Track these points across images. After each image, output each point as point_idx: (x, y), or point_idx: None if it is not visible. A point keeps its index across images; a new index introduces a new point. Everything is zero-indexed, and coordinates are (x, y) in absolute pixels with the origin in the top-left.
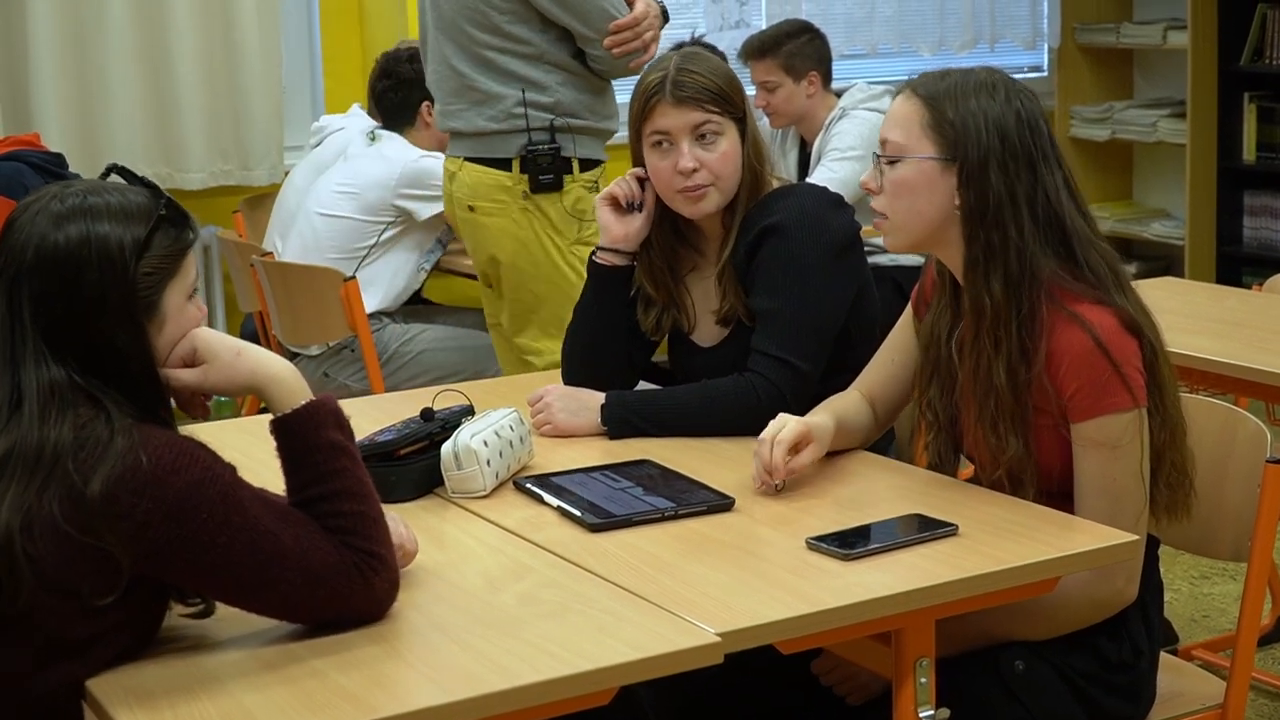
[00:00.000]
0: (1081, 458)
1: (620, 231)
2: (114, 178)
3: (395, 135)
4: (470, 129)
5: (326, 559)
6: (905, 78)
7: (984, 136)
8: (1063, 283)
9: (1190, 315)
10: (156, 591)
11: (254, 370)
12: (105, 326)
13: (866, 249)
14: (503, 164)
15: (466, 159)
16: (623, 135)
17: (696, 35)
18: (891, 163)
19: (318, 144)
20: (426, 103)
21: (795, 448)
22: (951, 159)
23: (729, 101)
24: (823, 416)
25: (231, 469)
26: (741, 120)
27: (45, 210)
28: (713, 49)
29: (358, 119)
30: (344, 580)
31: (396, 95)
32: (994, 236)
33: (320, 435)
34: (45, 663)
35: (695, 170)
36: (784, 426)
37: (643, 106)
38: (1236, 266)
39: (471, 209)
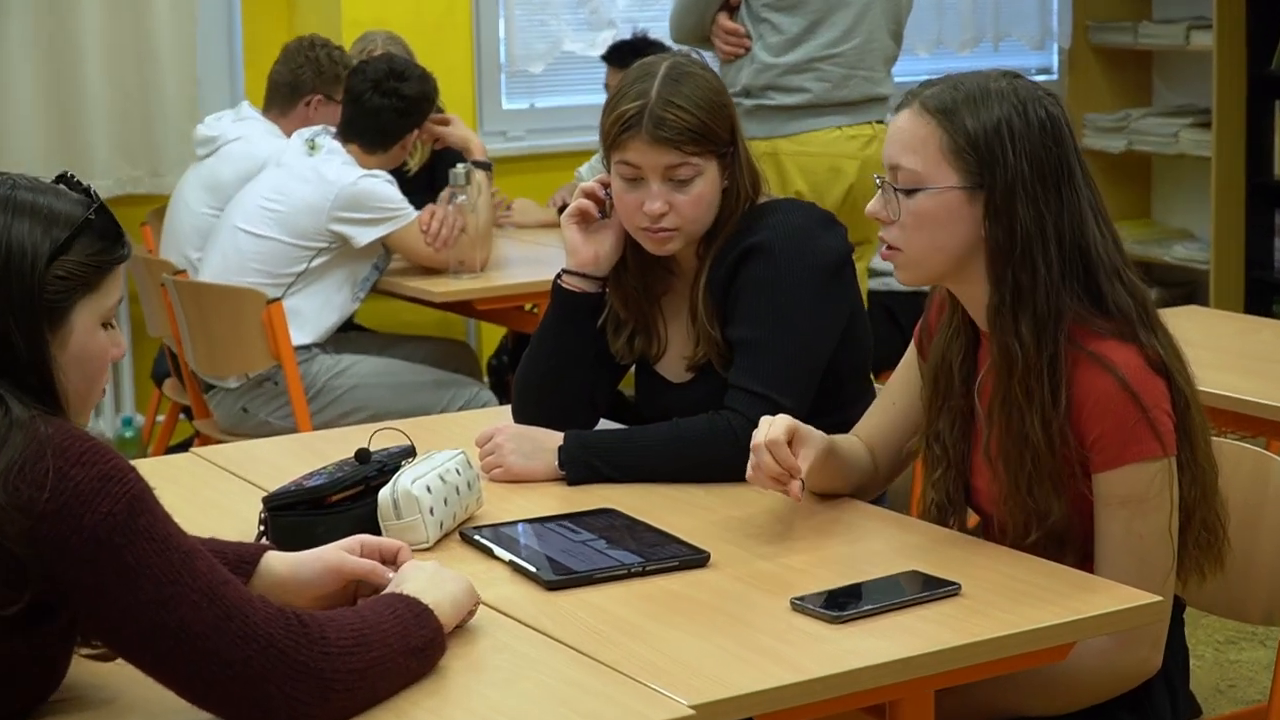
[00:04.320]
0: (1104, 512)
1: (590, 253)
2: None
3: (338, 149)
4: (890, 92)
5: (246, 595)
6: (905, 81)
7: (1011, 159)
8: (1083, 320)
9: (1216, 349)
10: (62, 625)
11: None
12: (3, 322)
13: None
14: None
15: (879, 121)
16: None
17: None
18: (909, 193)
19: (208, 155)
20: (416, 130)
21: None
22: (978, 187)
23: (711, 139)
24: (808, 427)
25: (146, 484)
26: (725, 154)
27: None
28: (701, 61)
29: (255, 124)
30: (261, 621)
31: (399, 119)
32: (1023, 276)
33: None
34: None
35: (663, 214)
36: (771, 425)
37: (616, 133)
38: (1267, 294)
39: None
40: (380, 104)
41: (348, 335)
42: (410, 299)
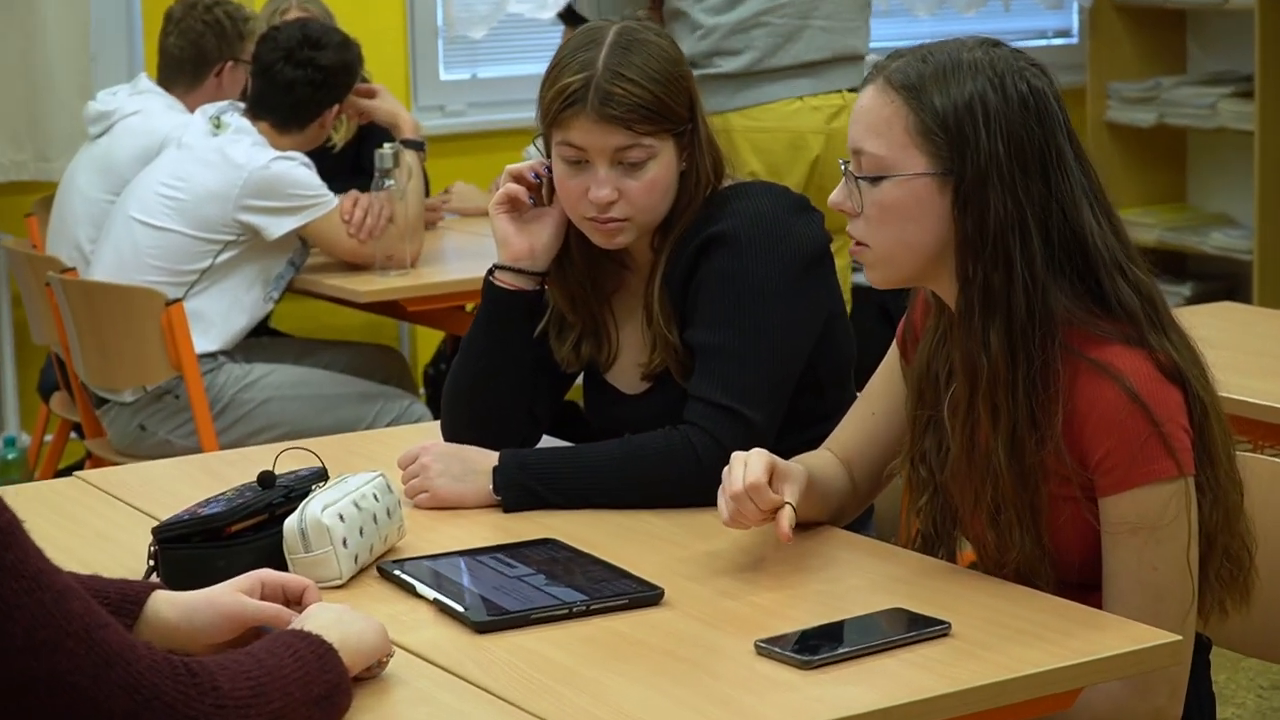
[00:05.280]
0: (1112, 542)
1: (524, 245)
2: None
3: (247, 127)
4: (864, 50)
5: (128, 640)
6: (889, 48)
7: (984, 140)
8: (1082, 323)
9: (1255, 351)
10: None
11: None
12: None
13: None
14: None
15: (851, 89)
16: None
17: None
18: (874, 181)
19: (101, 133)
20: (338, 104)
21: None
22: (948, 173)
23: (666, 116)
24: (788, 462)
25: (15, 515)
26: (683, 132)
27: None
28: (656, 26)
29: (154, 98)
30: (145, 669)
31: (315, 94)
32: (995, 275)
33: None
34: None
35: (612, 202)
36: (746, 464)
37: (557, 110)
38: None
39: None
40: (293, 76)
41: (259, 341)
42: (331, 299)
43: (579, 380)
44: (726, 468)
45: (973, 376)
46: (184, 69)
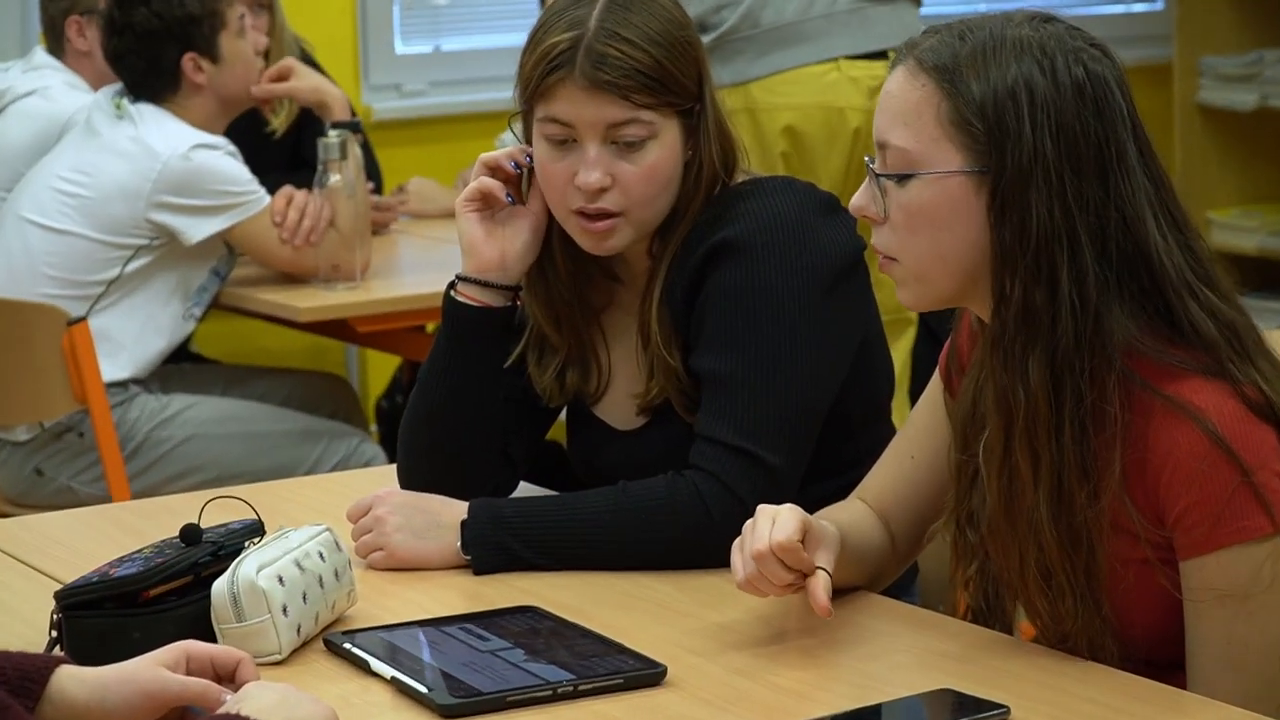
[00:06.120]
0: (1196, 613)
1: (493, 253)
2: None
3: (154, 109)
4: None
5: None
6: (947, 16)
7: (1027, 133)
8: (1150, 351)
9: None
10: None
11: None
12: None
13: None
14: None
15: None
16: None
17: None
18: (900, 180)
19: None
20: (189, 54)
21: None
22: (985, 170)
23: (671, 88)
24: (821, 521)
25: None
26: (689, 110)
27: None
28: None
29: (52, 74)
30: None
31: (140, 58)
32: (1036, 292)
33: None
34: None
35: (603, 190)
36: (774, 521)
37: (540, 76)
38: None
39: None
40: (117, 48)
41: (179, 368)
42: (265, 318)
43: (562, 416)
44: (749, 521)
45: (1008, 415)
46: (49, 36)
